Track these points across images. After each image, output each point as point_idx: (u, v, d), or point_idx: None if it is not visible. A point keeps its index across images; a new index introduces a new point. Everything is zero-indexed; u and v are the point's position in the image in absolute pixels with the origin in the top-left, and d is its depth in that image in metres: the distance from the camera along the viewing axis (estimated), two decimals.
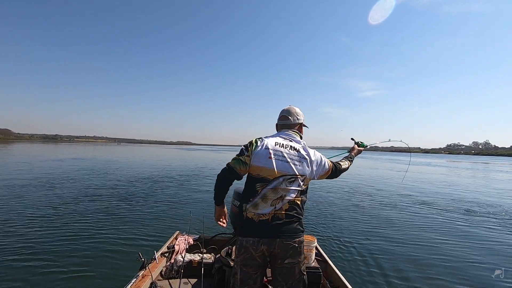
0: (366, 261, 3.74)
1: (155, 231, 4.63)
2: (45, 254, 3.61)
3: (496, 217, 6.72)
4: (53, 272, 3.13)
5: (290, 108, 1.78)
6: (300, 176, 1.54)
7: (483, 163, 48.08)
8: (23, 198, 6.85)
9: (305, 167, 1.56)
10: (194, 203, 7.12)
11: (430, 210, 7.24)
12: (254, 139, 1.62)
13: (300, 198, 1.55)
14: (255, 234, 1.47)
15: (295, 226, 1.50)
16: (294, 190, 1.51)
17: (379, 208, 7.16)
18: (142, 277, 1.99)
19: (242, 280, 1.47)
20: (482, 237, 5.03)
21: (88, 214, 5.54)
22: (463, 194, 10.40)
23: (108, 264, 3.37)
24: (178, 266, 2.26)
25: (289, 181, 1.50)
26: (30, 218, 5.16)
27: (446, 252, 4.23)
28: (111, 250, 3.78)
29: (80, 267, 3.26)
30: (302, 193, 1.57)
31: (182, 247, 2.54)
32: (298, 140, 1.66)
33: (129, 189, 8.78)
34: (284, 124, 1.75)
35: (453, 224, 5.86)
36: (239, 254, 1.50)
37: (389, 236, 4.86)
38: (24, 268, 3.22)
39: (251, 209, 1.50)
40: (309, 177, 1.60)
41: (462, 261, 3.89)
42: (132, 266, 3.15)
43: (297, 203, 1.52)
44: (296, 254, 1.49)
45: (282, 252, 1.46)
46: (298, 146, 1.60)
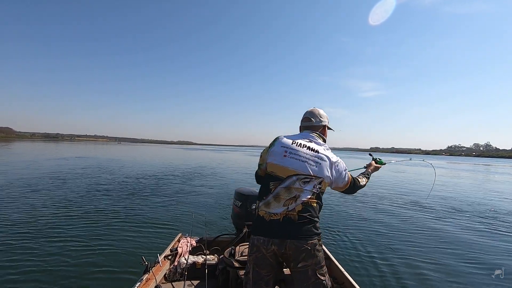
0: (370, 257, 3.76)
1: (157, 234, 4.59)
2: (45, 256, 3.58)
3: (496, 218, 6.71)
4: (55, 275, 3.11)
5: (313, 110, 1.75)
6: (316, 178, 1.48)
7: (484, 165, 47.96)
8: (26, 198, 6.86)
9: (323, 170, 1.50)
10: (196, 204, 7.10)
11: (433, 210, 7.21)
12: (274, 138, 1.65)
13: (315, 200, 1.48)
14: (265, 233, 1.45)
15: (308, 228, 1.43)
16: (308, 192, 1.46)
17: (383, 206, 7.19)
18: (146, 280, 1.99)
19: (254, 281, 1.46)
20: (482, 237, 5.02)
21: (89, 218, 5.43)
22: (462, 195, 10.38)
23: (111, 268, 3.33)
24: (181, 269, 2.25)
25: (303, 181, 1.46)
26: (32, 219, 5.14)
27: (446, 251, 4.23)
28: (114, 254, 3.74)
29: (83, 272, 3.20)
30: (318, 197, 1.50)
31: (185, 249, 2.54)
32: (319, 142, 1.61)
33: (130, 191, 8.73)
34: (307, 125, 1.71)
35: (457, 224, 5.83)
36: (252, 253, 1.50)
37: (393, 233, 4.90)
38: (25, 269, 3.21)
39: (263, 208, 1.49)
40: (326, 181, 1.53)
41: (463, 260, 3.90)
42: (135, 270, 3.14)
43: (311, 205, 1.46)
44: (309, 256, 1.42)
45: (294, 254, 1.41)
46: (317, 148, 1.55)
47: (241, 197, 3.70)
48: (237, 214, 3.80)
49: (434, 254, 4.11)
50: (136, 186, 9.46)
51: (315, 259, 1.43)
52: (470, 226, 5.85)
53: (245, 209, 3.62)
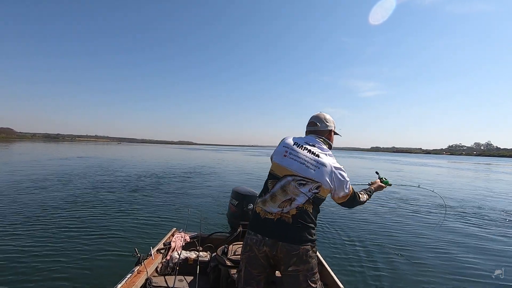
0: (361, 263, 3.68)
1: (151, 228, 4.65)
2: (39, 250, 3.61)
3: (498, 217, 6.69)
4: (47, 268, 3.12)
5: (319, 114, 1.72)
6: (312, 182, 1.44)
7: (485, 163, 47.86)
8: (22, 196, 6.87)
9: (322, 174, 1.45)
10: (192, 201, 7.12)
11: (429, 210, 7.20)
12: (282, 139, 1.67)
13: (311, 206, 1.44)
14: (258, 230, 1.46)
15: (302, 233, 1.41)
16: (304, 195, 1.42)
17: (376, 210, 7.10)
18: (137, 272, 1.99)
19: (246, 280, 1.48)
20: (482, 236, 5.00)
21: (85, 210, 5.60)
22: (461, 192, 10.36)
23: (104, 259, 3.38)
24: (173, 263, 2.25)
25: (299, 183, 1.43)
26: (25, 215, 5.15)
27: (445, 251, 4.20)
28: (107, 245, 3.80)
29: (75, 262, 3.27)
30: (315, 203, 1.46)
31: (178, 244, 2.53)
32: (322, 147, 1.56)
33: (129, 187, 8.78)
34: (312, 130, 1.69)
35: (453, 224, 5.82)
36: (245, 252, 1.52)
37: (385, 238, 4.79)
38: (17, 265, 3.21)
39: (260, 204, 1.51)
40: (325, 187, 1.46)
41: (461, 261, 3.86)
42: (128, 262, 3.15)
43: (306, 211, 1.43)
44: (301, 262, 1.40)
45: (285, 257, 1.40)
46: (319, 152, 1.51)
47: (238, 196, 3.69)
48: (233, 213, 3.79)
49: (429, 253, 4.05)
50: (135, 183, 9.52)
51: (307, 266, 1.41)
52: (469, 226, 5.81)
53: (241, 208, 3.61)
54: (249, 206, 3.60)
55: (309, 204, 1.43)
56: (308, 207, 1.43)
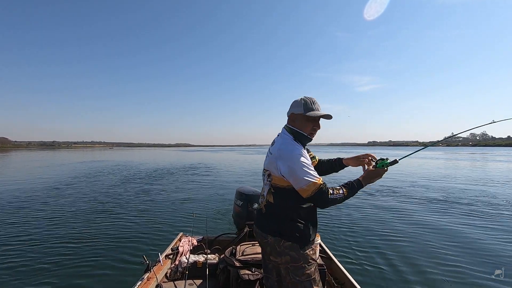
0: (371, 257, 3.71)
1: (158, 234, 4.62)
2: (48, 256, 3.63)
3: (499, 212, 6.75)
4: (56, 275, 3.13)
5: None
6: (265, 171, 1.51)
7: (482, 153, 48.26)
8: (27, 202, 6.82)
9: (269, 162, 1.44)
10: (196, 204, 7.10)
11: (436, 205, 7.15)
12: None
13: (271, 195, 1.43)
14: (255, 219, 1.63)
15: (269, 223, 1.44)
16: (267, 185, 1.48)
17: (384, 204, 7.12)
18: (147, 279, 2.00)
19: (264, 268, 1.63)
20: (482, 236, 4.98)
21: (91, 218, 5.55)
22: (462, 186, 10.45)
23: (112, 267, 3.36)
24: (183, 268, 2.26)
25: (264, 175, 1.52)
26: (34, 221, 5.17)
27: (455, 250, 4.09)
28: (115, 253, 3.78)
29: (84, 272, 3.24)
30: (276, 192, 1.41)
31: (186, 249, 2.54)
32: (283, 135, 1.47)
33: (131, 192, 8.76)
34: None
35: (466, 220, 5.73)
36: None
37: (394, 232, 4.80)
38: (27, 270, 3.23)
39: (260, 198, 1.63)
40: (275, 175, 1.38)
41: (468, 259, 3.79)
42: (137, 269, 3.16)
43: (269, 202, 1.45)
44: (277, 254, 1.41)
45: (261, 242, 1.53)
46: (276, 140, 1.51)
47: (242, 196, 3.68)
48: (238, 213, 3.79)
49: (437, 253, 3.96)
50: (136, 188, 9.48)
51: (285, 258, 1.39)
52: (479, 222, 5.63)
53: (246, 208, 3.60)
54: (254, 205, 3.60)
55: (270, 194, 1.45)
56: (269, 197, 1.45)
